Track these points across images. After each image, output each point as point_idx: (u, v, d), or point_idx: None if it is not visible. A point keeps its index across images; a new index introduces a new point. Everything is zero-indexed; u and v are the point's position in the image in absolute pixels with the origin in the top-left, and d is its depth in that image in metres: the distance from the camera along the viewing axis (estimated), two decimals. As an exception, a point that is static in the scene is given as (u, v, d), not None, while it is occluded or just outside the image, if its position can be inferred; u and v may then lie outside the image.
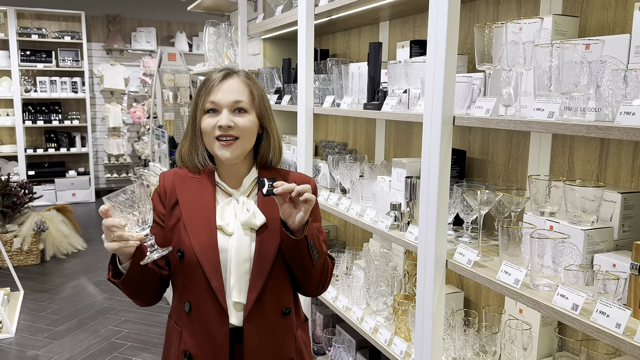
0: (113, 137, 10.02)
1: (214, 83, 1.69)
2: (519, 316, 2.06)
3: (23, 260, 6.30)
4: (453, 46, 1.85)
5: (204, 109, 1.69)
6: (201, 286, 1.65)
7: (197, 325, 1.68)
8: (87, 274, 6.10)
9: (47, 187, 9.36)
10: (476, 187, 2.05)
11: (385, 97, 2.46)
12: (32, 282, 5.80)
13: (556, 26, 1.82)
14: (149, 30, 10.21)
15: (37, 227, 6.30)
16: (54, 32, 9.55)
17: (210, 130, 1.66)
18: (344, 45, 3.63)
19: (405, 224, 2.34)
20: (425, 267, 2.03)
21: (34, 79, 9.42)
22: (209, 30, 4.36)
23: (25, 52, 9.28)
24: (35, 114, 9.41)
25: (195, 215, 1.68)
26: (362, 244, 3.33)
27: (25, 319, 4.89)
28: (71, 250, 6.77)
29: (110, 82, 9.85)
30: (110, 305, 5.21)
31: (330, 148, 3.40)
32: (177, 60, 5.92)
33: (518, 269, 1.73)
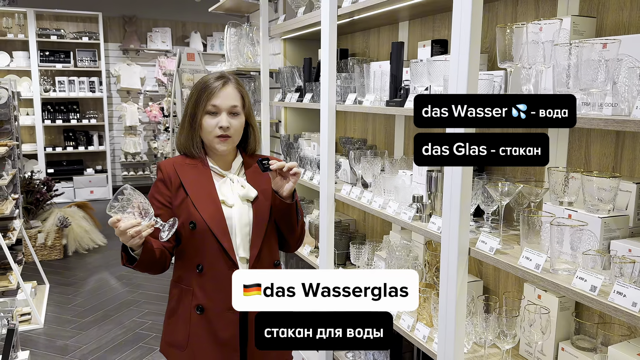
0: (130, 135, 10.17)
1: (215, 89, 2.04)
2: (538, 301, 2.15)
3: (47, 255, 6.45)
4: (476, 45, 1.95)
5: (205, 110, 2.05)
6: (213, 249, 2.03)
7: (209, 281, 2.04)
8: (109, 268, 6.23)
9: (66, 185, 9.52)
10: (496, 179, 2.15)
11: (407, 94, 2.56)
12: (56, 276, 5.94)
13: (574, 26, 1.91)
14: (164, 31, 10.34)
15: (60, 223, 6.43)
16: (72, 32, 9.70)
17: (212, 129, 2.05)
18: (363, 44, 3.73)
19: (427, 215, 2.44)
20: (448, 255, 2.13)
21: (52, 79, 9.57)
22: (230, 31, 4.47)
23: (44, 53, 9.43)
24: (54, 113, 9.57)
25: (200, 193, 2.05)
26: (381, 236, 3.43)
27: (52, 310, 5.03)
28: (92, 245, 6.91)
29: (126, 81, 9.99)
30: (133, 298, 5.33)
31: (350, 144, 3.50)
32: (195, 60, 6.04)
33: (539, 254, 1.83)
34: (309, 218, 3.82)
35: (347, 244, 3.37)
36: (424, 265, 2.78)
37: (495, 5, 2.50)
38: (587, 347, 2.03)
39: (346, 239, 3.44)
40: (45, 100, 9.52)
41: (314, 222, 3.62)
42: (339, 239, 3.41)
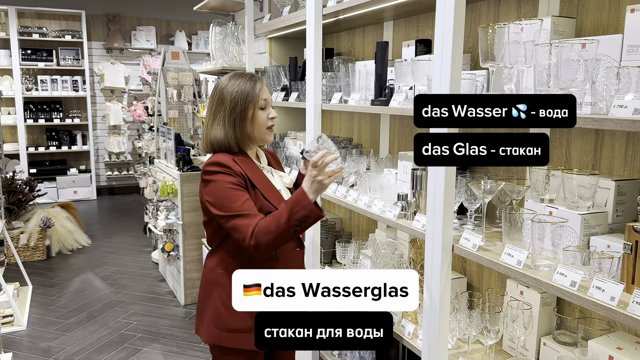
0: (114, 135, 10.14)
1: (261, 87, 2.23)
2: (520, 298, 2.21)
3: (29, 256, 6.42)
4: (459, 45, 2.00)
5: (259, 106, 2.21)
6: None
7: (281, 265, 2.20)
8: (93, 269, 6.22)
9: (49, 185, 9.47)
10: (479, 177, 2.20)
11: (392, 93, 2.61)
12: (39, 277, 5.93)
13: (555, 27, 1.97)
14: (148, 29, 10.33)
15: (43, 223, 6.41)
16: (54, 31, 9.65)
17: (265, 121, 2.23)
18: (349, 44, 3.77)
19: (412, 213, 2.49)
20: (432, 252, 2.17)
21: (35, 78, 9.52)
22: (215, 30, 4.49)
23: (26, 51, 9.38)
24: (36, 112, 9.52)
25: (264, 185, 2.21)
26: (366, 235, 3.48)
27: (35, 312, 5.01)
28: (76, 246, 6.89)
29: (110, 80, 9.96)
30: (118, 298, 5.34)
31: (336, 143, 3.54)
32: (180, 59, 6.04)
33: (520, 251, 1.87)
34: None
35: (333, 242, 3.42)
36: (409, 262, 2.83)
37: (478, 5, 2.55)
38: (568, 341, 2.08)
39: (332, 238, 3.48)
40: (27, 100, 9.46)
41: (300, 221, 3.65)
42: (324, 238, 3.45)
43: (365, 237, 3.43)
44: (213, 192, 2.11)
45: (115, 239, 7.45)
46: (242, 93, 2.20)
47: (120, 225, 8.22)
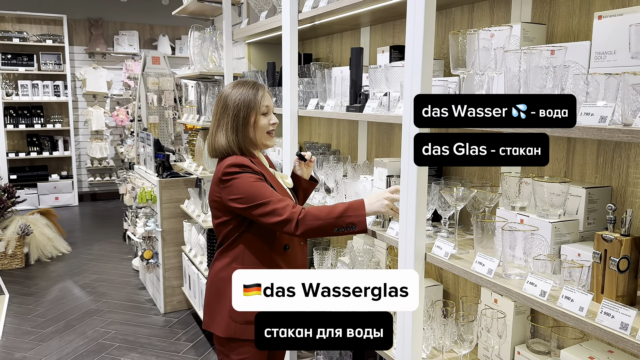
0: (96, 140, 10.08)
1: (263, 93, 2.37)
2: (494, 306, 2.20)
3: (7, 264, 6.36)
4: (429, 51, 1.99)
5: (261, 112, 2.36)
6: None
7: (292, 258, 2.42)
8: (73, 277, 6.17)
9: (30, 191, 9.40)
10: (453, 184, 2.19)
11: (366, 99, 2.59)
12: (17, 285, 5.87)
13: (524, 33, 1.96)
14: (131, 34, 10.29)
15: (21, 230, 6.35)
16: (35, 35, 9.60)
17: (266, 127, 2.39)
18: (327, 49, 3.76)
19: (387, 221, 2.47)
20: (405, 260, 2.16)
21: (15, 83, 9.46)
22: (193, 35, 4.46)
23: (6, 56, 9.32)
24: (17, 117, 9.45)
25: (276, 184, 2.39)
26: (345, 241, 3.46)
27: (11, 322, 4.96)
28: (56, 253, 6.84)
29: (92, 85, 9.91)
30: (97, 307, 5.29)
31: (315, 149, 3.53)
32: (161, 64, 6.01)
33: (491, 259, 1.86)
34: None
35: (311, 249, 3.40)
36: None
37: (452, 11, 2.54)
38: (542, 350, 2.07)
39: (310, 245, 3.46)
40: (7, 105, 9.39)
41: (278, 228, 3.63)
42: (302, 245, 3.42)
43: (344, 245, 3.41)
44: (238, 189, 2.25)
45: (96, 246, 7.39)
46: (244, 100, 2.35)
47: (101, 232, 8.16)
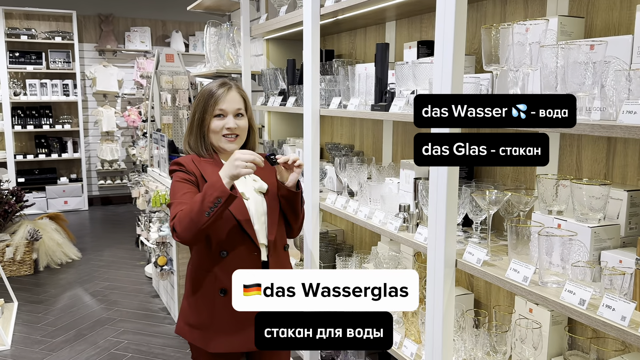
0: (106, 142, 10.16)
1: (220, 95, 2.40)
2: (529, 315, 2.19)
3: (16, 270, 6.44)
4: (460, 47, 1.99)
5: (214, 115, 2.40)
6: (237, 235, 2.36)
7: (232, 266, 2.30)
8: (83, 284, 6.23)
9: (38, 195, 9.50)
10: (485, 187, 2.19)
11: (392, 98, 2.60)
12: (26, 293, 5.94)
13: (562, 27, 1.96)
14: (143, 30, 10.37)
15: (30, 236, 6.42)
16: (44, 32, 9.71)
17: (219, 130, 2.41)
18: (349, 45, 3.77)
19: (414, 225, 2.48)
20: (435, 267, 2.16)
21: (23, 82, 9.57)
22: (209, 31, 4.50)
23: (14, 54, 9.43)
24: (24, 118, 9.56)
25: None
26: (369, 247, 3.47)
27: (20, 330, 5.02)
28: (65, 260, 6.90)
29: (103, 84, 10.00)
30: (109, 315, 5.34)
31: (337, 150, 3.54)
32: (175, 62, 6.06)
33: (527, 266, 1.86)
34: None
35: (334, 256, 3.41)
36: (412, 278, 2.81)
37: (484, 4, 2.54)
38: (580, 363, 2.06)
39: (332, 251, 3.48)
40: (15, 105, 9.50)
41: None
42: (324, 251, 3.44)
43: (368, 251, 3.41)
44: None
45: (107, 252, 7.46)
46: (201, 100, 2.45)
47: (112, 237, 8.23)
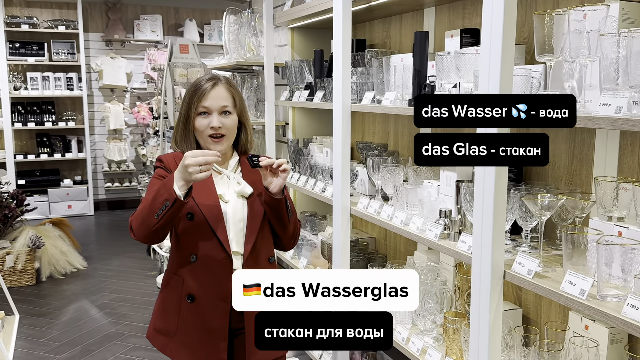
0: (114, 140, 10.25)
1: (205, 91, 2.44)
2: (585, 333, 2.18)
3: (16, 280, 6.53)
4: (510, 35, 2.00)
5: (197, 112, 2.45)
6: (208, 240, 2.41)
7: (201, 271, 2.43)
8: (89, 296, 6.30)
9: (40, 198, 9.60)
10: (536, 191, 2.19)
11: (433, 92, 2.61)
12: (27, 305, 6.02)
13: (624, 13, 1.95)
14: (154, 18, 10.45)
15: (32, 243, 6.49)
16: (46, 21, 9.81)
17: (204, 129, 2.44)
18: (383, 34, 3.79)
19: (457, 233, 2.48)
20: (480, 278, 2.16)
21: (23, 75, 9.68)
22: (229, 19, 4.54)
23: (13, 45, 9.55)
24: (25, 114, 9.68)
25: (199, 186, 2.39)
26: (404, 257, 3.47)
27: (22, 346, 5.10)
28: (70, 269, 6.97)
29: (110, 77, 10.09)
30: (117, 330, 5.40)
31: (369, 150, 3.55)
32: (190, 53, 6.12)
33: (584, 278, 1.86)
34: (321, 236, 3.87)
35: (365, 266, 3.42)
36: (454, 291, 2.82)
37: (535, -12, 2.54)
38: (643, 386, 2.05)
39: (364, 261, 3.49)
40: (15, 100, 9.62)
41: (327, 241, 3.67)
42: (355, 261, 3.45)
43: (403, 261, 3.42)
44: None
45: (115, 261, 7.54)
46: (187, 95, 2.51)
47: (121, 245, 8.30)
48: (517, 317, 2.62)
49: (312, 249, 3.93)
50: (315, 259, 3.86)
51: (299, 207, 4.56)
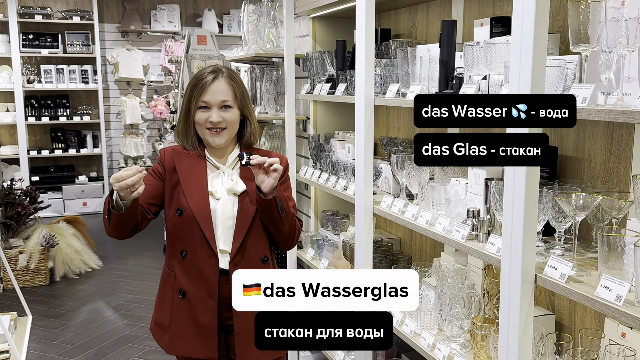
0: (130, 135, 10.31)
1: (205, 85, 2.51)
2: (622, 341, 2.14)
3: (30, 280, 6.58)
4: (543, 24, 1.96)
5: (197, 106, 2.52)
6: (196, 237, 2.53)
7: (191, 267, 2.57)
8: (104, 296, 6.34)
9: (54, 196, 9.70)
10: (570, 189, 2.15)
11: (460, 84, 2.57)
12: (41, 305, 6.07)
13: (665, 0, 1.90)
14: (171, 8, 10.48)
15: (45, 241, 6.54)
16: (60, 11, 9.88)
17: (203, 122, 2.53)
18: (409, 23, 3.75)
19: (485, 234, 2.45)
20: (510, 282, 2.13)
21: (37, 68, 9.77)
22: (247, 8, 4.53)
23: (27, 36, 9.63)
24: (39, 108, 9.75)
25: (191, 182, 2.56)
26: (431, 259, 3.44)
27: (35, 348, 5.14)
28: (84, 269, 7.02)
29: (126, 70, 10.14)
30: (133, 332, 5.42)
31: (393, 146, 3.52)
32: (208, 44, 6.12)
33: (620, 283, 1.82)
34: (343, 236, 3.84)
35: (389, 268, 3.39)
36: (482, 295, 2.78)
37: (569, -26, 2.49)
38: (684, 398, 2.01)
39: (387, 262, 3.46)
40: (28, 94, 9.70)
41: (349, 241, 3.64)
42: (378, 262, 3.43)
43: (429, 263, 3.39)
44: None
45: (131, 261, 7.58)
46: (189, 87, 2.59)
47: (137, 244, 8.32)
48: (549, 323, 2.58)
49: (333, 249, 3.91)
50: (337, 260, 3.84)
51: (320, 205, 4.53)
